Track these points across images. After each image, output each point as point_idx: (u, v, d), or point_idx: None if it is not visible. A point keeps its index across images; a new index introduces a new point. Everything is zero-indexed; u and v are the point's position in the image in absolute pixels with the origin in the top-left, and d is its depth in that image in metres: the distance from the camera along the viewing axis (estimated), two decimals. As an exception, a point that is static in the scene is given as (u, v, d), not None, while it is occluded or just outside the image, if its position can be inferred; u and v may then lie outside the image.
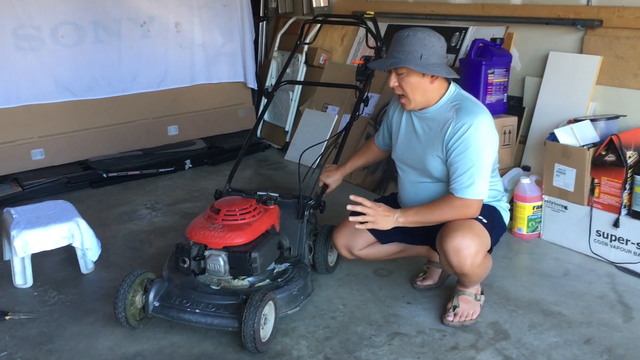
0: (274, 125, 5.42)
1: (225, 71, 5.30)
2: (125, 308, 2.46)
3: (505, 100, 3.65)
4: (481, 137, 2.36)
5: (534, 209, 3.28)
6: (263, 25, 5.86)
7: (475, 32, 4.02)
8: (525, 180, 3.29)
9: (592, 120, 3.15)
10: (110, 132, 4.78)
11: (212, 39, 5.17)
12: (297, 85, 5.17)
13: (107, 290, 2.91)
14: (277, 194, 2.90)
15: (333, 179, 2.92)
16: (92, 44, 4.59)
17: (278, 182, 4.50)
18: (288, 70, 4.03)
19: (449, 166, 2.42)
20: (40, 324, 2.65)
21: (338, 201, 3.77)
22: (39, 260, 3.10)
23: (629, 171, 2.91)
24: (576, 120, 3.18)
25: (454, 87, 2.49)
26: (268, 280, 2.65)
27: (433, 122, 2.48)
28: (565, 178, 3.13)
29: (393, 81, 2.44)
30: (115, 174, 4.48)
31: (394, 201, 2.79)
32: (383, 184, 4.12)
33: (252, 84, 5.44)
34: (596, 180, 3.02)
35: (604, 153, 2.97)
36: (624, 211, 2.95)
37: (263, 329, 2.35)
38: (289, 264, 2.76)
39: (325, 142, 3.63)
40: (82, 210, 3.26)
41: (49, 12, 4.36)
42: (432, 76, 2.40)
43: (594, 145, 3.06)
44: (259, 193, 2.90)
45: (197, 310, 2.44)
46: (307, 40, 4.54)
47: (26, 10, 4.27)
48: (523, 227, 3.32)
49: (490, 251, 2.53)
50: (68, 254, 3.20)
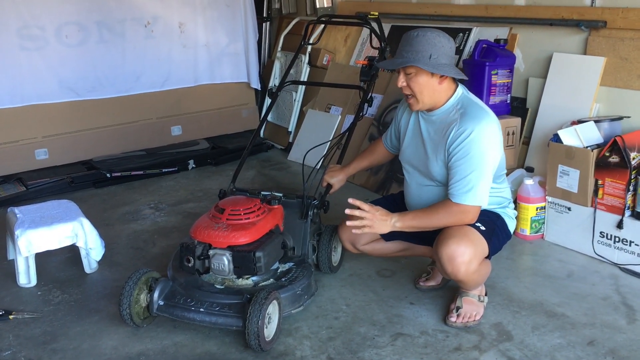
0: (277, 125, 5.42)
1: (229, 71, 5.31)
2: (130, 306, 2.47)
3: (508, 101, 3.65)
4: (483, 144, 2.34)
5: (537, 210, 3.28)
6: (266, 25, 5.88)
7: (479, 33, 4.02)
8: (529, 181, 3.29)
9: (596, 121, 3.15)
10: (113, 132, 4.79)
11: (216, 40, 5.18)
12: (301, 86, 5.18)
13: (111, 290, 2.91)
14: (281, 194, 2.91)
15: (337, 179, 2.92)
16: (96, 44, 4.61)
17: (281, 183, 4.50)
18: (291, 70, 4.04)
19: (449, 170, 2.41)
20: (44, 323, 2.66)
21: (341, 201, 3.77)
22: (43, 259, 3.11)
23: (633, 172, 2.90)
24: (580, 122, 3.18)
25: (461, 90, 2.48)
26: (272, 279, 2.65)
27: (438, 126, 2.47)
28: (568, 179, 3.12)
29: (401, 81, 2.43)
30: (118, 174, 4.49)
31: (394, 201, 2.79)
32: (386, 184, 4.12)
33: (256, 84, 5.45)
34: (600, 182, 3.01)
35: (607, 154, 2.97)
36: (627, 212, 2.95)
37: (267, 327, 2.36)
38: (292, 264, 2.77)
39: (329, 143, 3.63)
40: (86, 210, 3.26)
41: (53, 12, 4.38)
42: (441, 76, 2.40)
43: (598, 146, 3.05)
44: (263, 193, 2.91)
45: (202, 309, 2.44)
46: (311, 41, 4.55)
47: (30, 10, 4.28)
48: (526, 228, 3.32)
49: (489, 258, 2.52)
50: (72, 253, 3.21)
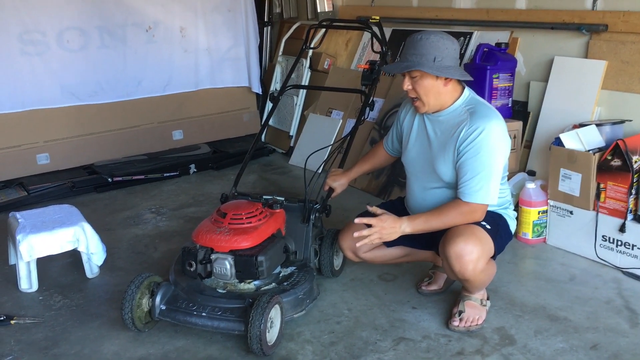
0: (278, 129, 5.42)
1: (230, 76, 5.31)
2: (132, 309, 2.46)
3: (510, 105, 3.65)
4: (493, 142, 2.35)
5: (539, 213, 3.28)
6: (267, 30, 5.89)
7: (480, 37, 4.02)
8: (531, 185, 3.29)
9: (598, 125, 3.15)
10: (115, 137, 4.80)
11: (217, 44, 5.18)
12: (302, 90, 5.18)
13: (112, 295, 2.91)
14: (283, 198, 2.90)
15: (339, 183, 2.91)
16: (98, 49, 4.61)
17: (283, 187, 4.50)
18: (293, 75, 4.05)
19: (458, 169, 2.41)
20: (45, 329, 2.65)
21: (343, 205, 3.79)
22: (44, 264, 3.11)
23: (635, 176, 2.90)
24: (581, 125, 3.17)
25: (468, 92, 2.49)
26: (274, 283, 2.64)
27: (446, 125, 2.47)
28: (570, 183, 3.12)
29: (407, 84, 2.44)
30: (120, 179, 4.49)
31: (394, 207, 2.77)
32: (388, 188, 4.12)
33: (257, 88, 5.45)
34: (602, 185, 3.01)
35: (609, 158, 2.97)
36: (630, 216, 2.94)
37: (269, 332, 2.35)
38: (294, 268, 2.76)
39: (330, 147, 3.63)
40: (87, 215, 3.26)
41: (54, 17, 4.39)
42: (446, 79, 2.40)
43: (600, 150, 3.05)
44: (264, 197, 2.91)
45: (204, 314, 2.44)
46: (312, 45, 4.55)
47: (32, 15, 4.29)
48: (528, 232, 3.31)
49: (494, 258, 2.52)
50: (73, 258, 3.21)
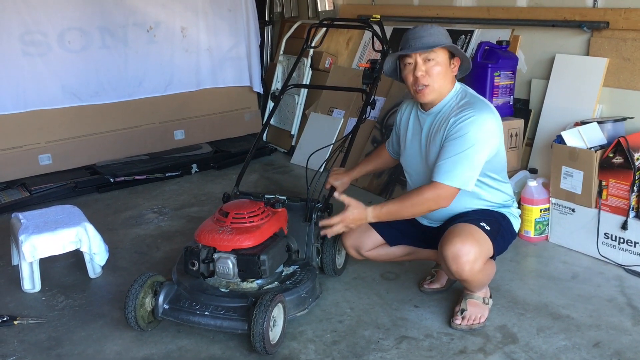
0: (279, 129, 5.42)
1: (231, 75, 5.31)
2: (135, 308, 2.47)
3: (511, 103, 3.65)
4: (478, 131, 2.35)
5: (541, 211, 3.28)
6: (268, 29, 5.89)
7: (481, 35, 4.02)
8: (532, 183, 3.29)
9: (599, 122, 3.14)
10: (116, 137, 4.80)
11: (218, 44, 5.18)
12: (303, 89, 5.18)
13: (115, 295, 2.91)
14: (285, 197, 2.91)
15: (341, 182, 2.91)
16: (99, 49, 4.62)
17: (284, 186, 4.50)
18: (294, 74, 4.05)
19: (439, 153, 2.41)
20: (48, 329, 2.66)
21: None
22: (47, 265, 3.11)
23: (637, 173, 2.90)
24: (583, 123, 3.17)
25: (459, 84, 2.53)
26: (276, 282, 2.64)
27: (439, 117, 2.48)
28: (572, 180, 3.12)
29: (422, 70, 2.42)
30: (122, 179, 4.50)
31: None
32: (389, 187, 4.12)
33: (258, 88, 5.45)
34: (604, 183, 3.01)
35: (611, 155, 2.97)
36: (632, 213, 2.94)
37: (272, 330, 2.35)
38: (297, 267, 2.76)
39: (332, 146, 3.63)
40: (90, 215, 3.27)
41: (55, 18, 4.39)
42: (453, 64, 2.46)
43: (602, 147, 3.05)
44: (266, 196, 2.91)
45: (207, 313, 2.44)
46: (313, 44, 4.55)
47: (33, 16, 4.30)
48: (530, 230, 3.31)
49: (494, 258, 2.52)
50: (76, 258, 3.22)
